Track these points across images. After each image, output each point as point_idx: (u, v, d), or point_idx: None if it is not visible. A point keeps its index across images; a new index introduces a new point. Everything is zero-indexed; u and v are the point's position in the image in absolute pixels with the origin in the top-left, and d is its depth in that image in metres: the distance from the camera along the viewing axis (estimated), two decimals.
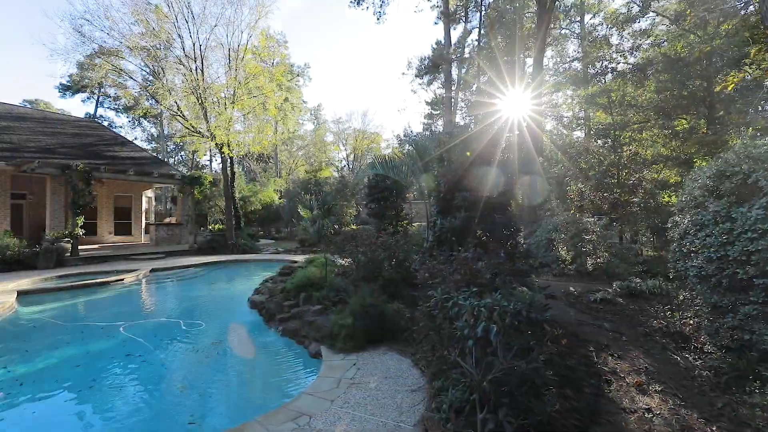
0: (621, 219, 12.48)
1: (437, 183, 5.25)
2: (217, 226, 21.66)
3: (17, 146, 15.75)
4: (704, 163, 12.50)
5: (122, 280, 10.51)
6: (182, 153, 49.44)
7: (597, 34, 18.43)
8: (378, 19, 22.11)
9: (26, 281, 9.89)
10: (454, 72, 22.60)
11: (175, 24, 16.35)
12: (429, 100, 29.76)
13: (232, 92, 17.28)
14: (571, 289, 8.39)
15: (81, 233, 13.61)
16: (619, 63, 17.93)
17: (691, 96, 12.90)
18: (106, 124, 37.81)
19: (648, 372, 4.48)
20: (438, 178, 5.23)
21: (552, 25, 18.42)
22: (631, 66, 15.98)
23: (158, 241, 18.40)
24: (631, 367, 4.62)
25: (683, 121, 13.89)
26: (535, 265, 9.39)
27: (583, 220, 11.08)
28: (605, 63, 18.05)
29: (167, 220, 26.22)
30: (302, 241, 18.71)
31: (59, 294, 9.10)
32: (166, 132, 43.91)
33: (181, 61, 16.94)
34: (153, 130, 49.29)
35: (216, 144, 16.90)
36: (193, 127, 17.58)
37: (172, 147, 47.84)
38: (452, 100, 22.30)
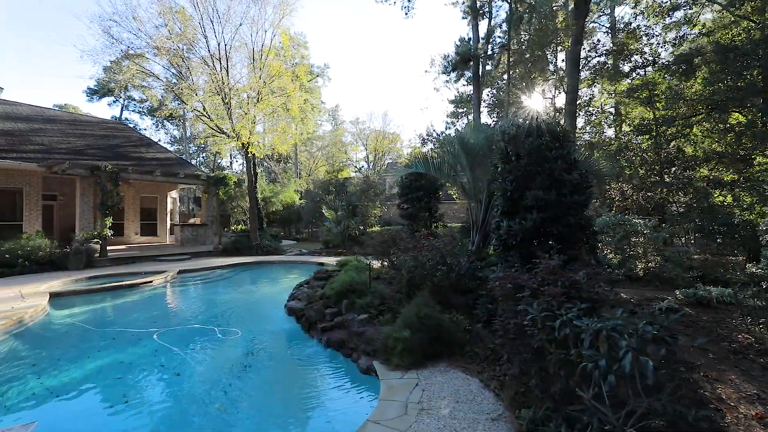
0: (669, 220, 11.63)
1: (501, 180, 4.69)
2: (239, 227, 21.59)
3: (48, 148, 15.94)
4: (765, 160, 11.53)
5: (151, 282, 10.32)
6: (204, 154, 50.13)
7: (635, 24, 17.45)
8: (406, 14, 21.74)
9: (57, 282, 9.81)
10: (480, 69, 21.88)
11: (201, 24, 16.32)
12: (452, 98, 29.08)
13: (256, 92, 17.13)
14: (623, 295, 7.72)
15: (109, 234, 13.60)
16: (660, 55, 16.94)
17: (749, 87, 11.88)
18: (131, 126, 38.56)
19: (762, 400, 3.82)
20: (502, 174, 4.68)
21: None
22: (675, 57, 14.96)
23: (183, 242, 18.36)
24: (738, 393, 3.96)
25: (738, 114, 12.86)
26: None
27: (633, 221, 10.30)
28: (644, 56, 17.07)
29: (191, 220, 26.35)
30: (326, 242, 18.36)
31: (90, 296, 8.94)
32: (188, 134, 44.54)
33: (205, 61, 16.88)
34: (176, 132, 50.20)
35: (242, 144, 16.77)
36: (218, 127, 17.50)
37: (193, 149, 48.53)
38: (479, 97, 21.61)
